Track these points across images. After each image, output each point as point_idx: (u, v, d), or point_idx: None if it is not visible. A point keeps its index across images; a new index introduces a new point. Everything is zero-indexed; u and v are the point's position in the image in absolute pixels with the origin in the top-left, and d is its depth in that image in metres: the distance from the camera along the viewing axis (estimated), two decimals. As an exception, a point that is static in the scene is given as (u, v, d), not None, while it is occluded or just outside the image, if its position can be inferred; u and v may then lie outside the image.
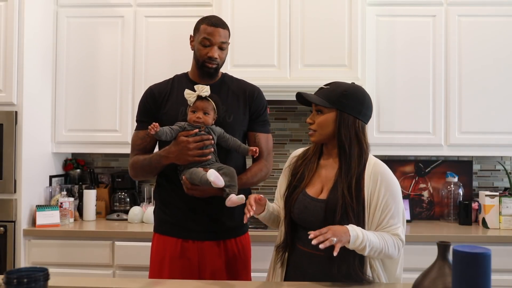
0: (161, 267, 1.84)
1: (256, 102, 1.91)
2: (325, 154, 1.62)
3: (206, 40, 1.80)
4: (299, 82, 2.65)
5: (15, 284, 1.07)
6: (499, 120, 2.79)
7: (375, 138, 2.79)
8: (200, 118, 1.73)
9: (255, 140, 1.90)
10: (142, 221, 2.82)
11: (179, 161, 1.73)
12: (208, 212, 1.81)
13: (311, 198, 1.56)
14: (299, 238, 1.58)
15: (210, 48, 1.81)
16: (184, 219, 1.83)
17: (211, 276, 1.80)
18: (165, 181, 1.89)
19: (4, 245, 2.56)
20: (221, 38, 1.82)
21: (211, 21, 1.84)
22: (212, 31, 1.81)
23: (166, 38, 2.89)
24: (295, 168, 1.66)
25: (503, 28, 2.80)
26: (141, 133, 1.88)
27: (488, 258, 1.00)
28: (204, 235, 1.82)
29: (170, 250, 1.83)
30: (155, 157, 1.80)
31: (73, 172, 3.13)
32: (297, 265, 1.57)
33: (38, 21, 2.77)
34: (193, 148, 1.69)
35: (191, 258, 1.81)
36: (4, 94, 2.59)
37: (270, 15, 2.73)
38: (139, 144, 1.89)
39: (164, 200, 1.89)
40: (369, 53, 2.78)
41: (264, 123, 1.94)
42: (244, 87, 1.93)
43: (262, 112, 1.93)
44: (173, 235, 1.84)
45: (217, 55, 1.81)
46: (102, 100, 2.90)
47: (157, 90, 1.91)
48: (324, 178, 1.58)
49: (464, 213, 2.85)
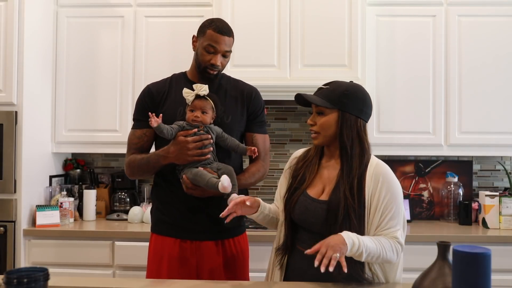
0: (159, 267, 1.83)
1: (254, 103, 1.91)
2: (327, 155, 1.62)
3: (210, 47, 1.79)
4: (299, 82, 2.65)
5: (15, 284, 1.07)
6: (499, 120, 2.79)
7: (375, 138, 2.79)
8: (198, 117, 1.73)
9: (253, 141, 1.90)
10: (142, 221, 2.82)
11: (178, 161, 1.73)
12: (206, 212, 1.81)
13: (312, 199, 1.55)
14: (299, 239, 1.57)
15: (214, 56, 1.79)
16: (182, 219, 1.82)
17: (209, 276, 1.80)
18: (162, 180, 1.88)
19: (4, 245, 2.56)
20: (226, 46, 1.81)
21: (219, 27, 1.80)
22: (218, 39, 1.79)
23: (166, 38, 2.89)
24: (295, 170, 1.64)
25: (503, 28, 2.80)
26: (138, 132, 1.88)
27: (488, 258, 1.00)
28: (202, 235, 1.82)
29: (168, 250, 1.82)
30: (154, 156, 1.80)
31: (73, 172, 3.13)
32: (296, 267, 1.56)
33: (38, 21, 2.77)
34: (192, 148, 1.69)
35: (189, 258, 1.81)
36: (4, 94, 2.59)
37: (270, 15, 2.73)
38: (135, 143, 1.88)
39: (162, 199, 1.89)
40: (369, 53, 2.78)
41: (262, 123, 1.94)
42: (242, 87, 1.93)
43: (260, 113, 1.93)
44: (171, 235, 1.83)
45: (220, 63, 1.81)
46: (102, 100, 2.90)
47: (155, 89, 1.90)
48: (325, 179, 1.57)
49: (464, 213, 2.85)
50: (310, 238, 1.51)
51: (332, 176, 1.56)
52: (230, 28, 1.85)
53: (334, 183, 1.53)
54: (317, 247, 1.33)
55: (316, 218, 1.51)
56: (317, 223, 1.50)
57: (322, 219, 1.49)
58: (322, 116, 1.54)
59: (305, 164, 1.61)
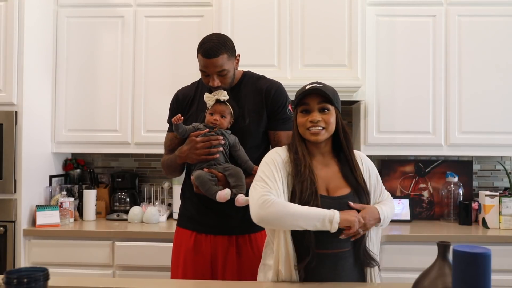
0: (177, 258, 1.92)
1: (274, 100, 1.87)
2: (317, 154, 1.60)
3: (203, 72, 1.82)
4: (299, 82, 2.60)
5: (15, 284, 1.07)
6: (499, 120, 2.79)
7: (375, 138, 2.79)
8: (217, 121, 1.79)
9: (275, 138, 1.88)
10: (142, 221, 2.82)
11: (188, 159, 1.81)
12: (218, 208, 1.83)
13: (332, 198, 1.52)
14: (318, 242, 1.49)
15: (209, 78, 1.81)
16: (197, 213, 1.91)
17: (223, 269, 1.85)
18: (188, 177, 1.96)
19: (4, 245, 2.56)
20: (217, 68, 1.76)
21: (205, 50, 1.75)
22: (206, 63, 1.77)
23: (166, 38, 2.89)
24: (300, 175, 1.52)
25: (503, 28, 2.80)
26: (170, 135, 1.98)
27: (488, 258, 1.00)
28: (216, 229, 1.88)
29: (185, 242, 1.91)
30: (173, 157, 1.89)
31: (73, 172, 3.13)
32: (316, 272, 1.51)
33: (38, 21, 2.77)
34: (200, 147, 1.75)
35: (204, 251, 1.87)
36: (4, 94, 2.59)
37: (270, 15, 2.73)
38: (168, 145, 1.99)
39: (185, 195, 1.99)
40: (369, 53, 2.78)
41: (284, 120, 1.88)
42: (262, 85, 1.89)
43: (281, 109, 1.88)
44: (189, 228, 1.92)
45: (217, 83, 1.80)
46: (102, 100, 2.90)
47: (181, 95, 1.97)
48: (323, 177, 1.56)
49: (464, 213, 2.85)
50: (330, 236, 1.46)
51: (329, 173, 1.57)
52: (218, 47, 1.76)
53: (341, 177, 1.56)
54: (356, 220, 1.44)
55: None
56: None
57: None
58: (327, 113, 1.55)
59: (306, 166, 1.53)
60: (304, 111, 1.57)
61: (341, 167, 1.58)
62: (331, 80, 1.89)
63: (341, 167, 1.58)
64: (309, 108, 1.56)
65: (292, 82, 2.68)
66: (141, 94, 2.89)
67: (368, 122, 2.81)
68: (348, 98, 2.70)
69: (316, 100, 1.55)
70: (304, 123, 1.55)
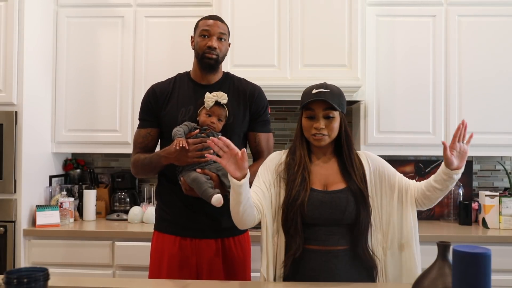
0: (160, 265, 1.84)
1: (257, 103, 1.91)
2: (318, 152, 1.64)
3: (205, 31, 1.84)
4: (299, 82, 2.64)
5: (15, 284, 1.07)
6: (499, 120, 2.79)
7: (375, 138, 2.80)
8: (213, 123, 1.78)
9: (256, 140, 1.91)
10: (142, 221, 2.82)
11: (178, 162, 1.75)
12: (205, 211, 1.81)
13: (325, 192, 1.56)
14: (309, 238, 1.55)
15: (209, 39, 1.84)
16: (181, 217, 1.84)
17: (209, 274, 1.81)
18: (165, 179, 1.90)
19: (4, 245, 2.56)
20: (220, 29, 1.86)
21: (209, 16, 1.91)
22: (210, 23, 1.86)
23: (166, 38, 2.89)
24: (291, 175, 1.59)
25: (503, 28, 2.80)
26: (143, 131, 1.91)
27: (488, 258, 1.00)
28: (201, 233, 1.83)
29: (168, 248, 1.84)
30: (156, 157, 1.81)
31: (73, 172, 3.13)
32: (308, 267, 1.55)
33: (38, 21, 2.77)
34: (192, 150, 1.71)
35: (189, 256, 1.82)
36: (4, 94, 2.59)
37: (270, 15, 2.73)
38: (140, 142, 1.91)
39: (164, 198, 1.91)
40: (369, 53, 2.78)
41: (265, 122, 1.94)
42: (245, 87, 1.93)
43: (263, 112, 1.93)
44: (171, 233, 1.86)
45: (216, 45, 1.83)
46: (102, 100, 2.90)
47: (159, 90, 1.92)
48: (322, 175, 1.60)
49: (464, 213, 2.85)
50: (322, 232, 1.55)
51: (329, 170, 1.61)
52: (222, 19, 1.91)
53: (339, 174, 1.59)
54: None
55: (334, 208, 1.54)
56: (336, 212, 1.53)
57: (342, 206, 1.53)
58: (331, 120, 1.57)
59: (300, 166, 1.59)
60: (309, 117, 1.59)
61: (341, 165, 1.61)
62: (331, 80, 1.88)
63: (341, 165, 1.61)
64: (314, 115, 1.58)
65: (292, 82, 2.68)
66: (141, 94, 2.87)
67: (368, 122, 2.81)
68: (348, 98, 2.67)
69: (321, 107, 1.56)
70: (309, 129, 1.59)
